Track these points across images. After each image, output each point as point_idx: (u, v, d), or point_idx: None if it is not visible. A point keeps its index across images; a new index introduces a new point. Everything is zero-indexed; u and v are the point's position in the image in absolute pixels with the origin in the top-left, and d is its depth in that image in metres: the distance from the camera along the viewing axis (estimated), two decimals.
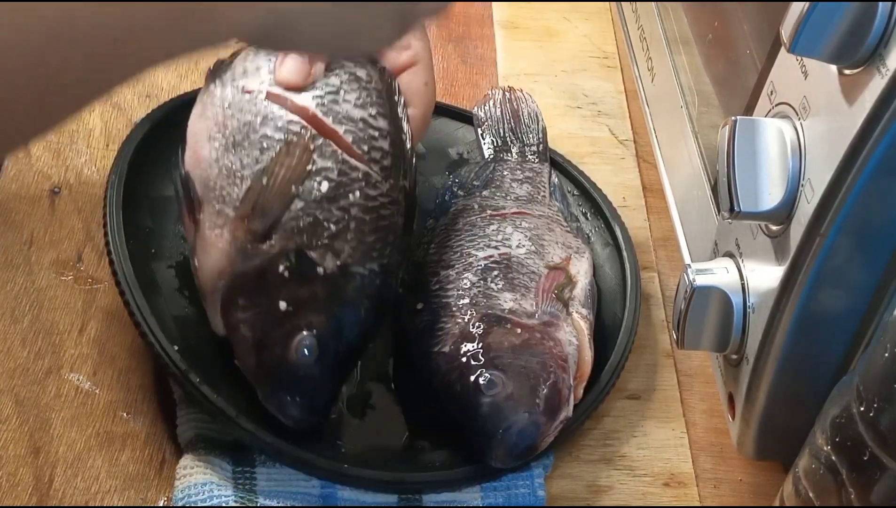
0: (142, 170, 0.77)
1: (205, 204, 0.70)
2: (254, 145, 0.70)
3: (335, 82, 0.73)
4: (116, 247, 0.71)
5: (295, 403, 0.66)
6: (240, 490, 0.67)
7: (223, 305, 0.69)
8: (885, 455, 0.53)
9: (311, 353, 0.66)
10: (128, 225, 0.73)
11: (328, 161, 0.70)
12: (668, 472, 0.73)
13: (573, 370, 0.71)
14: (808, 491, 0.59)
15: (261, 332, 0.67)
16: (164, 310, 0.71)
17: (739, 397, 0.67)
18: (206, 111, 0.72)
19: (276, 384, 0.67)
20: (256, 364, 0.67)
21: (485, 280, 0.74)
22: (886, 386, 0.53)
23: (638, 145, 0.93)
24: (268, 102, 0.71)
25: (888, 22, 0.54)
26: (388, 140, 0.72)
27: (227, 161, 0.70)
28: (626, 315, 0.77)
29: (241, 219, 0.69)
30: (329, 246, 0.69)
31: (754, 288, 0.64)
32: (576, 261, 0.77)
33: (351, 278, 0.69)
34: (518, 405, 0.67)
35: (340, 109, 0.72)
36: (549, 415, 0.68)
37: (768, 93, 0.64)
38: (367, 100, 0.73)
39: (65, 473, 0.68)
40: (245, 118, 0.71)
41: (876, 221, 0.57)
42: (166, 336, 0.68)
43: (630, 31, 0.92)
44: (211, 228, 0.70)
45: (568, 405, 0.69)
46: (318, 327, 0.67)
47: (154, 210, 0.77)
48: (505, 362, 0.69)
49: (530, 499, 0.69)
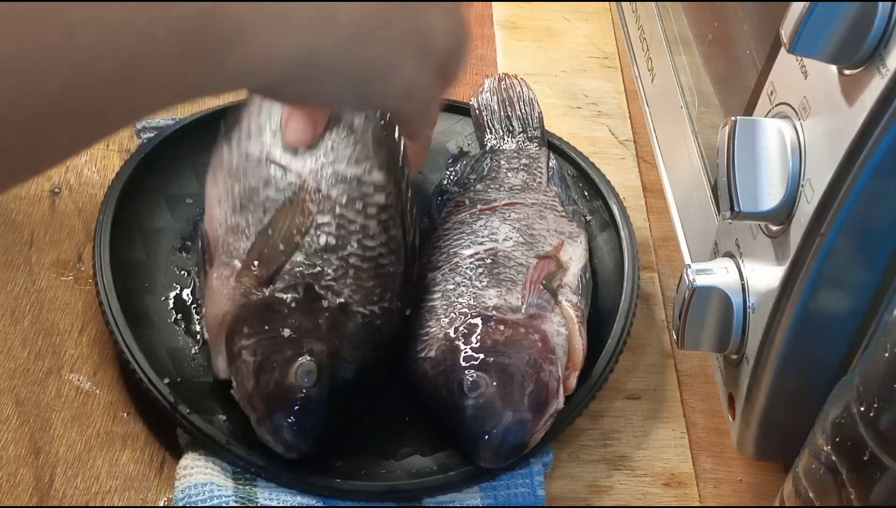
0: (134, 202, 0.79)
1: (214, 258, 0.73)
2: (258, 207, 0.74)
3: (330, 138, 0.76)
4: (104, 284, 0.73)
5: (289, 427, 0.66)
6: (240, 490, 0.67)
7: (227, 335, 0.70)
8: (885, 455, 0.53)
9: (311, 378, 0.67)
10: (118, 260, 0.75)
11: (326, 216, 0.73)
12: (668, 472, 0.73)
13: (562, 360, 0.71)
14: (808, 491, 0.60)
15: (262, 356, 0.68)
16: (155, 342, 0.72)
17: (739, 397, 0.67)
18: (216, 177, 0.76)
19: (273, 407, 0.67)
20: (254, 388, 0.67)
21: (470, 279, 0.74)
22: (886, 386, 0.53)
23: (638, 145, 0.93)
24: (269, 166, 0.75)
25: (888, 22, 0.54)
26: (384, 193, 0.75)
27: (233, 221, 0.74)
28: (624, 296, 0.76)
29: (247, 267, 0.72)
30: (330, 287, 0.71)
31: (754, 288, 0.64)
32: (568, 247, 0.76)
33: (352, 315, 0.71)
34: (503, 404, 0.67)
35: (335, 169, 0.75)
36: (536, 411, 0.67)
37: (768, 93, 0.64)
38: (362, 154, 0.76)
39: (65, 473, 0.68)
40: (249, 183, 0.75)
41: (876, 221, 0.57)
42: (156, 370, 0.70)
43: (630, 31, 0.92)
44: (218, 278, 0.72)
45: (558, 398, 0.69)
46: (319, 355, 0.68)
47: (147, 243, 0.79)
48: (488, 361, 0.69)
49: (530, 499, 0.69)
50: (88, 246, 0.79)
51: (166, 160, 0.82)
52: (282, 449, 0.67)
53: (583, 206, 0.83)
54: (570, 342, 0.72)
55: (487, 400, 0.67)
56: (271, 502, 0.67)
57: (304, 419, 0.67)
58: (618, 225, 0.80)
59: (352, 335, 0.70)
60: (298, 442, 0.67)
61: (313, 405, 0.67)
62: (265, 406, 0.67)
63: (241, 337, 0.69)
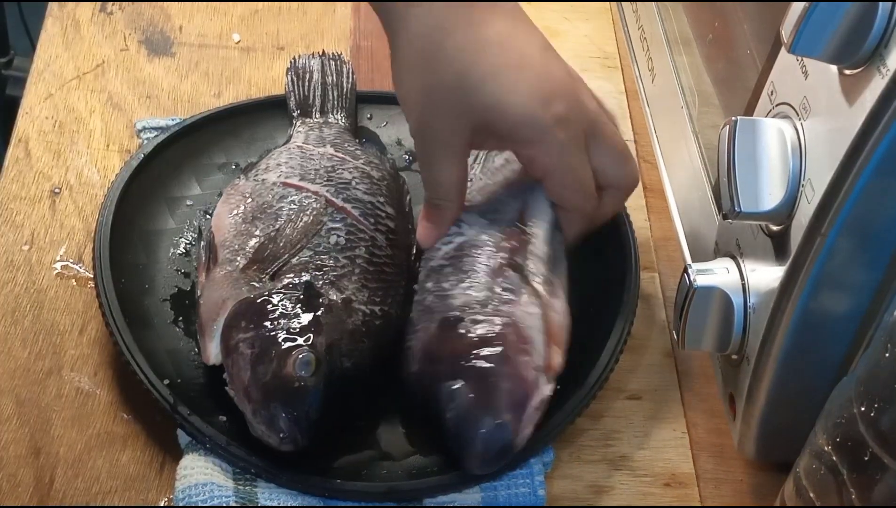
0: (134, 203, 0.79)
1: (219, 257, 0.74)
2: (269, 216, 0.76)
3: (347, 176, 0.80)
4: (104, 285, 0.73)
5: (285, 418, 0.66)
6: (240, 490, 0.67)
7: (225, 326, 0.70)
8: (885, 455, 0.53)
9: (308, 369, 0.67)
10: (118, 261, 0.75)
11: (338, 224, 0.76)
12: (668, 472, 0.73)
13: (540, 342, 0.69)
14: (808, 491, 0.60)
15: (260, 348, 0.68)
16: (155, 344, 0.72)
17: (740, 397, 0.67)
18: (229, 199, 0.79)
19: (269, 397, 0.66)
20: (251, 378, 0.67)
21: (439, 282, 0.73)
22: (887, 386, 0.53)
23: (638, 145, 0.93)
24: (284, 187, 0.78)
25: (888, 22, 0.54)
26: (394, 223, 0.79)
27: (244, 227, 0.76)
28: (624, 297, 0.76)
29: (253, 262, 0.73)
30: (334, 283, 0.72)
31: (755, 288, 0.64)
32: (531, 206, 0.76)
33: (353, 312, 0.71)
34: (478, 412, 0.66)
35: (351, 193, 0.79)
36: (515, 409, 0.66)
37: (769, 93, 0.64)
38: (377, 191, 0.80)
39: (65, 474, 0.68)
40: (263, 200, 0.78)
41: (876, 221, 0.57)
42: (156, 371, 0.70)
43: (630, 31, 0.92)
44: (222, 271, 0.73)
45: (539, 388, 0.68)
46: (319, 347, 0.68)
47: (147, 244, 0.79)
48: (463, 367, 0.68)
49: (530, 499, 0.69)
50: (88, 246, 0.80)
51: (166, 161, 0.82)
52: (277, 441, 0.66)
53: None
54: (547, 318, 0.71)
55: (462, 411, 0.66)
56: (272, 502, 0.67)
57: (300, 410, 0.66)
58: (618, 225, 0.80)
59: (352, 330, 0.70)
60: (294, 433, 0.66)
61: (310, 396, 0.66)
62: (261, 396, 0.66)
63: (240, 330, 0.69)
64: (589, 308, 0.77)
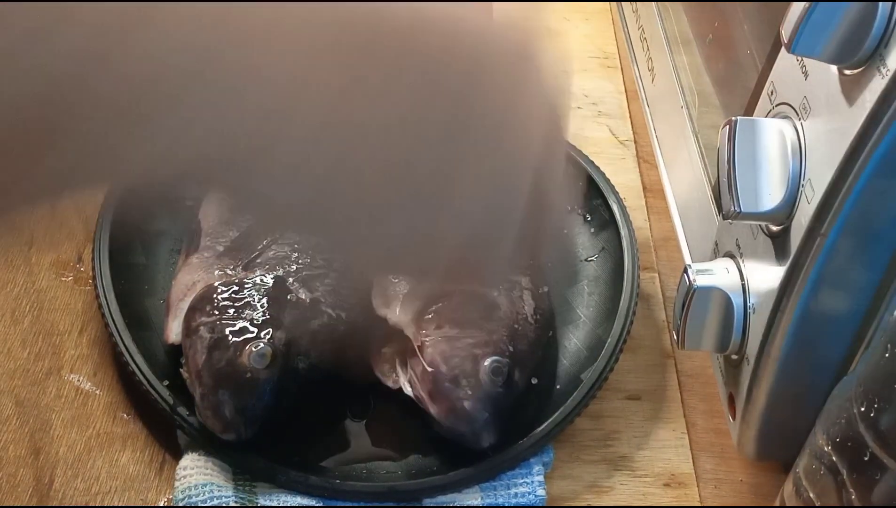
0: (134, 204, 0.78)
1: (201, 244, 0.75)
2: None
3: None
4: (104, 286, 0.73)
5: (231, 405, 0.66)
6: (240, 490, 0.67)
7: (189, 308, 0.70)
8: (885, 456, 0.53)
9: (262, 362, 0.67)
10: (118, 262, 0.75)
11: None
12: (668, 472, 0.73)
13: None
14: (808, 492, 0.59)
15: (219, 335, 0.68)
16: (155, 344, 0.72)
17: (740, 397, 0.67)
18: None
19: (219, 384, 0.67)
20: (205, 363, 0.67)
21: None
22: (887, 386, 0.53)
23: (638, 146, 0.93)
24: None
25: (888, 22, 0.54)
26: None
27: (228, 216, 0.76)
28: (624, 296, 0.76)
29: (229, 250, 0.73)
30: (306, 282, 0.71)
31: (755, 288, 0.64)
32: None
33: (320, 313, 0.71)
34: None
35: None
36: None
37: (768, 93, 0.64)
38: None
39: (65, 474, 0.68)
40: None
41: (877, 221, 0.57)
42: (155, 372, 0.70)
43: (630, 31, 0.92)
44: (199, 257, 0.73)
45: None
46: (277, 342, 0.68)
47: (147, 245, 0.79)
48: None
49: (530, 499, 0.69)
50: (88, 247, 0.79)
51: None
52: (220, 429, 0.66)
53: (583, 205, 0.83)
54: None
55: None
56: (271, 502, 0.67)
57: (248, 402, 0.66)
58: (618, 225, 0.80)
59: (315, 331, 0.70)
60: (238, 424, 0.66)
61: (259, 388, 0.67)
62: (212, 382, 0.67)
63: (203, 313, 0.69)
64: (588, 308, 0.77)
